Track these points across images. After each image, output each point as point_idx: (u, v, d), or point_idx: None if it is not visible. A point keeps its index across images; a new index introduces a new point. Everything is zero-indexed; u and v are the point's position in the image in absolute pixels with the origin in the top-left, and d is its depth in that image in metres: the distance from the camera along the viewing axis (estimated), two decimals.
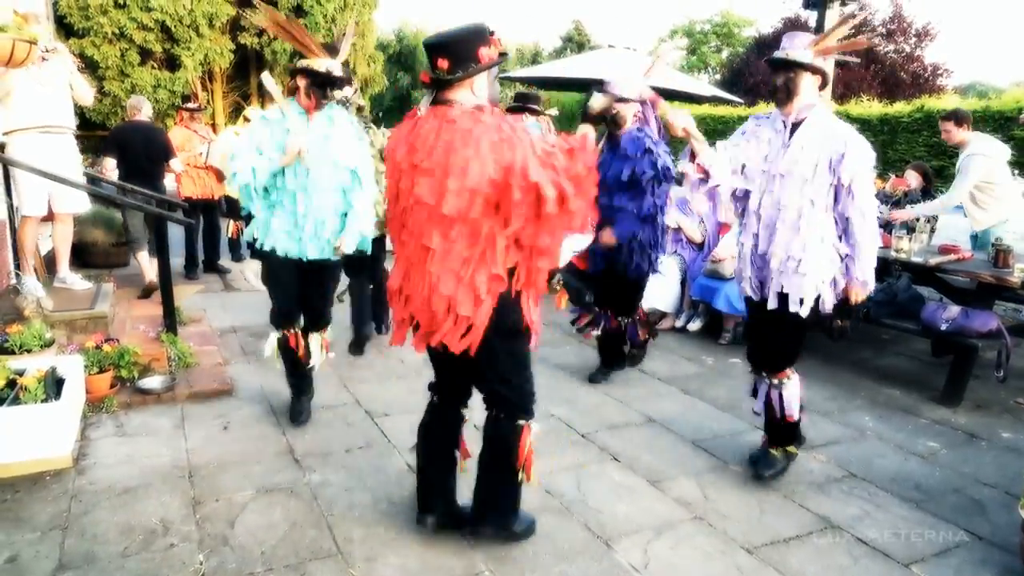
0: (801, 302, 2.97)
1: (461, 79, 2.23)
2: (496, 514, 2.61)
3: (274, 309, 3.67)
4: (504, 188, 2.15)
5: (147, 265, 6.16)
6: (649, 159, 3.97)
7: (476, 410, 2.64)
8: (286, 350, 3.70)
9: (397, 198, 2.38)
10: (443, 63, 2.21)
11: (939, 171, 10.36)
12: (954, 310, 4.28)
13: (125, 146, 6.19)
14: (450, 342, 2.33)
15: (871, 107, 12.79)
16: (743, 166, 3.06)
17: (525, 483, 2.55)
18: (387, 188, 2.47)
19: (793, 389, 3.15)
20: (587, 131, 2.36)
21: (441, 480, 2.68)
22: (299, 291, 3.61)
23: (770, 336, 3.15)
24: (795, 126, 2.93)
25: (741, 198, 3.14)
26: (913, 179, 6.28)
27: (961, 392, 4.29)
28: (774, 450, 3.27)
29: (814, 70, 2.87)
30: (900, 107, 12.11)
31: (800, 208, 2.91)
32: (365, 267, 4.88)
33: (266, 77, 3.41)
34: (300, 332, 3.69)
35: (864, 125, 11.98)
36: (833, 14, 7.17)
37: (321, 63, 3.22)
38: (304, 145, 3.27)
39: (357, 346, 4.94)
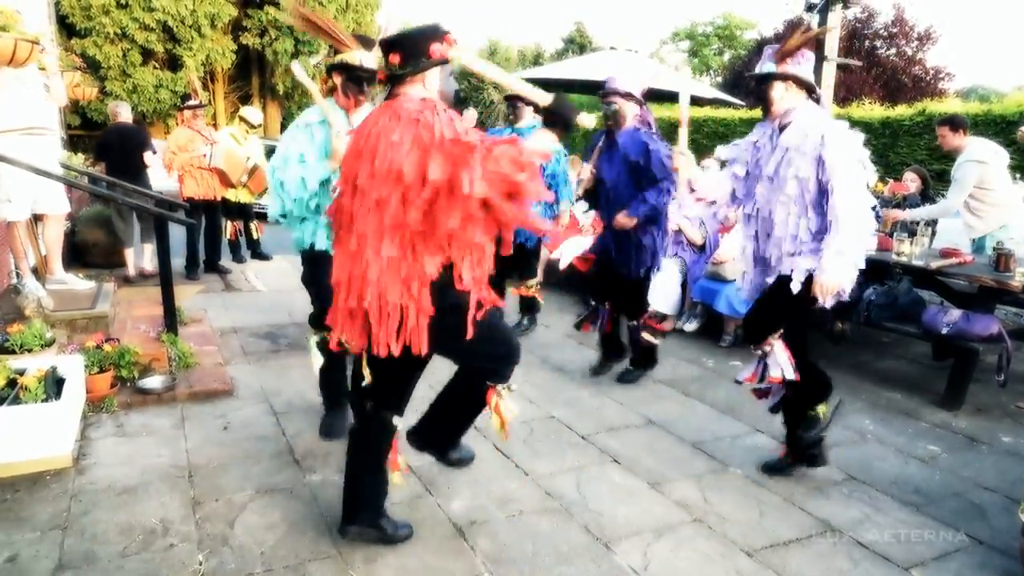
0: (789, 280, 3.01)
1: (411, 74, 2.28)
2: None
3: (317, 311, 3.43)
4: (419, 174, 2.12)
5: (129, 260, 6.92)
6: (654, 158, 3.95)
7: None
8: (327, 352, 3.37)
9: (343, 188, 2.38)
10: (395, 58, 2.29)
11: (940, 175, 10.36)
12: (955, 314, 4.28)
13: (107, 149, 6.77)
14: (383, 343, 2.27)
15: (872, 110, 12.81)
16: (746, 172, 3.19)
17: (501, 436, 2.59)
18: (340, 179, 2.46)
19: (780, 354, 3.14)
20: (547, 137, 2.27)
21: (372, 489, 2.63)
22: None
23: (757, 308, 3.23)
24: (782, 130, 3.03)
25: (742, 201, 3.24)
26: (912, 183, 6.27)
27: (962, 396, 4.28)
28: (811, 412, 3.21)
29: (782, 77, 2.98)
30: (901, 110, 12.13)
31: (789, 208, 2.99)
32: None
33: (296, 67, 3.20)
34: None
35: (865, 128, 11.98)
36: (835, 17, 7.16)
37: (354, 55, 3.05)
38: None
39: None
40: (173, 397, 3.96)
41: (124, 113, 7.08)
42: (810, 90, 3.01)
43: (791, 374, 3.12)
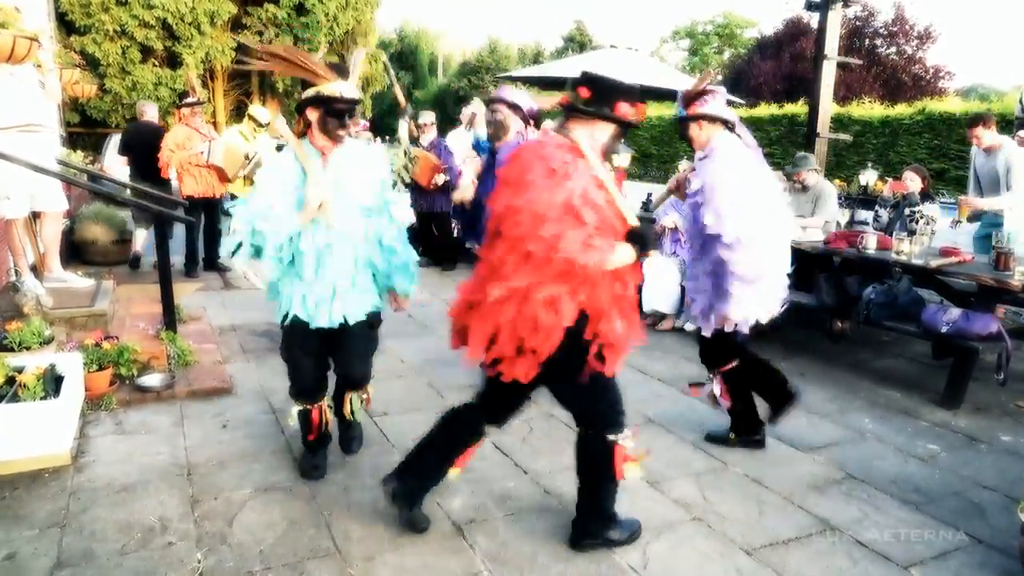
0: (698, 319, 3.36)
1: (587, 114, 2.35)
2: (593, 524, 2.64)
3: (296, 388, 3.12)
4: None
5: (140, 239, 7.21)
6: None
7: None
8: (306, 424, 3.15)
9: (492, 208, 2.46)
10: (584, 92, 2.34)
11: (940, 173, 10.38)
12: (954, 312, 4.27)
13: (132, 147, 7.11)
14: (513, 371, 2.38)
15: (872, 109, 12.78)
16: None
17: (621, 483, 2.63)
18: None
19: (716, 386, 3.53)
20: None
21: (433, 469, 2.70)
22: (327, 360, 3.11)
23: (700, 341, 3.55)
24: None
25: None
26: (911, 181, 6.23)
27: (961, 395, 4.28)
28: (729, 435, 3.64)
29: (692, 119, 3.23)
30: (901, 109, 12.11)
31: (701, 238, 3.21)
32: None
33: (280, 123, 2.90)
34: (324, 406, 3.17)
35: (865, 127, 11.98)
36: (835, 15, 7.15)
37: (333, 87, 2.66)
38: (327, 196, 2.71)
39: None
40: (172, 395, 3.96)
41: (149, 112, 7.42)
42: (724, 122, 3.22)
43: (723, 405, 3.54)
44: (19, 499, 2.85)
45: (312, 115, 2.72)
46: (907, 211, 5.78)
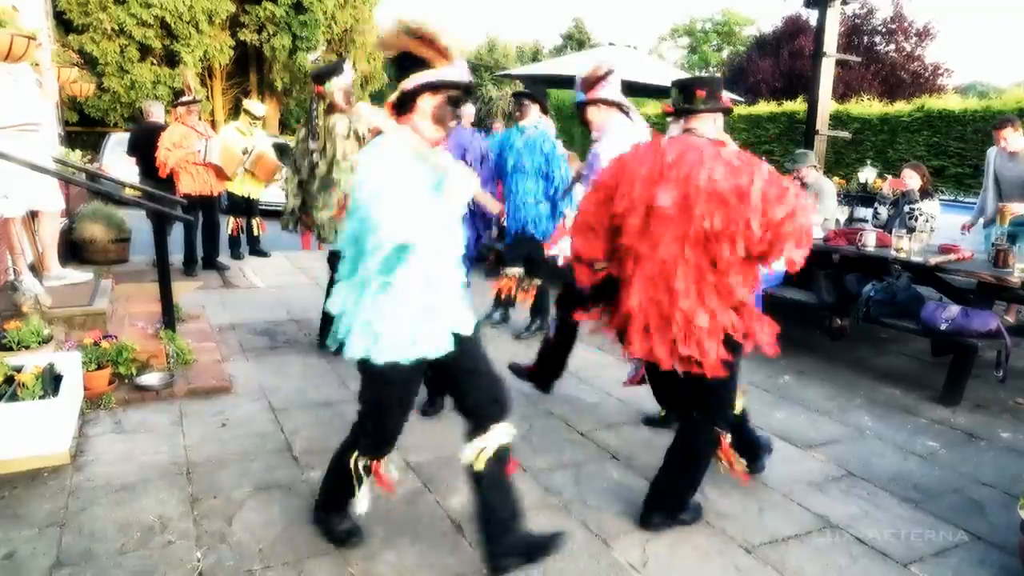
0: None
1: (710, 110, 2.61)
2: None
3: (378, 435, 2.50)
4: (736, 214, 2.36)
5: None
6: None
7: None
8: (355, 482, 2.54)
9: (633, 213, 2.55)
10: (701, 93, 2.60)
11: (939, 171, 10.35)
12: (954, 310, 4.27)
13: (139, 147, 7.21)
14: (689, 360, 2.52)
15: (871, 106, 12.75)
16: None
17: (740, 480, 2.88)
18: (618, 203, 2.59)
19: None
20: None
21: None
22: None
23: None
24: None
25: None
26: (912, 179, 6.22)
27: (960, 392, 4.28)
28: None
29: (592, 102, 3.60)
30: (900, 107, 12.06)
31: None
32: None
33: (365, 107, 2.36)
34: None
35: (864, 124, 11.96)
36: (834, 12, 7.14)
37: (454, 72, 2.25)
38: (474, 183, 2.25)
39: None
40: (171, 394, 3.95)
41: (156, 112, 7.54)
42: (619, 107, 3.59)
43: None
44: (18, 498, 2.84)
45: (428, 102, 2.27)
46: (906, 208, 5.78)
